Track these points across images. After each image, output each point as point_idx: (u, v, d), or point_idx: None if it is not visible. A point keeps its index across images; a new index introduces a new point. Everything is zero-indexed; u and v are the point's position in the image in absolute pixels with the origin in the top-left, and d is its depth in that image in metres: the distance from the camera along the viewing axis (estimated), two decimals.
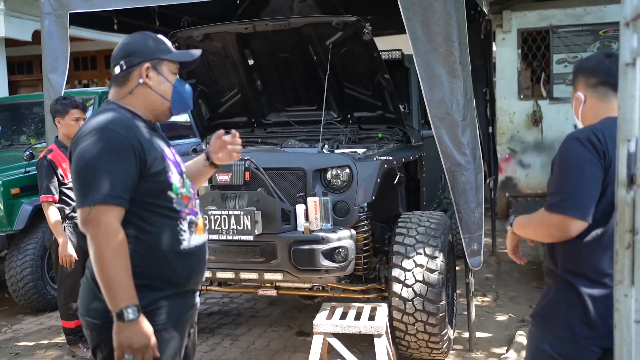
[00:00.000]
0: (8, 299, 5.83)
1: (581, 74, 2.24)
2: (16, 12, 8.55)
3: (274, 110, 5.31)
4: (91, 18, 5.07)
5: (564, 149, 2.08)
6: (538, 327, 2.17)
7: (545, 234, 2.12)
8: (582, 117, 2.26)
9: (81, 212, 1.90)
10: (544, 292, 2.21)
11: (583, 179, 2.01)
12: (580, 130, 2.12)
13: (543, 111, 9.07)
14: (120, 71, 2.07)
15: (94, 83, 12.91)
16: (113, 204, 1.88)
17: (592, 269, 2.06)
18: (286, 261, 3.74)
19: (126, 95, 2.08)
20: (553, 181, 2.08)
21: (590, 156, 2.02)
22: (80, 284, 2.11)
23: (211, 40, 4.75)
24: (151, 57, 2.07)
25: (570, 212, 2.00)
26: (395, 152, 4.40)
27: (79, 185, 1.92)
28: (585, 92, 2.23)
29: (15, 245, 5.41)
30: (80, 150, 1.92)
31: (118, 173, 1.90)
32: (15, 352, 4.62)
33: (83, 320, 2.05)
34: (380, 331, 3.54)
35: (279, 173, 4.03)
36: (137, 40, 2.10)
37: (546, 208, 2.07)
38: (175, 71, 2.13)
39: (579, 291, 2.06)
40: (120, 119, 1.99)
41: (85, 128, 1.98)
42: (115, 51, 2.11)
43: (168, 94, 2.10)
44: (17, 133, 6.74)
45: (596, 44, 8.86)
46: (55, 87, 4.68)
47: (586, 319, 2.04)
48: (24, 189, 5.41)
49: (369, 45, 4.37)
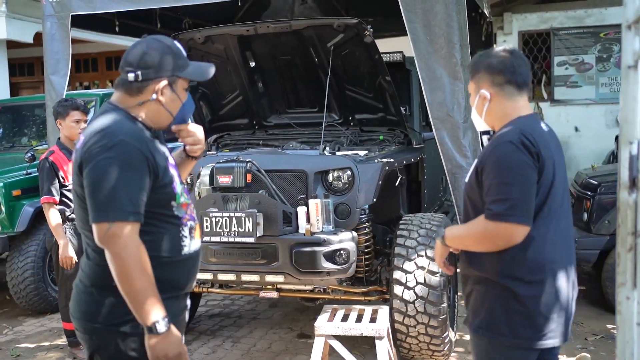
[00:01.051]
0: (9, 300, 5.83)
1: (486, 71, 2.20)
2: (17, 14, 8.57)
3: (275, 112, 5.31)
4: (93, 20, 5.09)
5: (500, 153, 2.04)
6: (483, 339, 2.15)
7: (490, 245, 2.06)
8: (486, 115, 2.23)
9: (99, 227, 1.87)
10: (478, 302, 2.16)
11: (525, 185, 2.01)
12: (510, 134, 2.08)
13: (544, 113, 9.07)
14: (134, 80, 2.00)
15: (95, 85, 12.92)
16: (133, 220, 1.88)
17: (529, 270, 2.06)
18: (287, 263, 3.74)
19: (135, 105, 2.04)
20: (494, 188, 2.02)
21: (527, 160, 2.02)
22: (73, 287, 2.10)
23: (212, 43, 4.76)
24: (169, 75, 2.03)
25: (519, 219, 1.99)
26: (396, 154, 4.40)
27: (96, 200, 1.88)
28: (490, 90, 2.19)
29: (17, 247, 5.40)
30: (97, 162, 1.88)
31: (135, 188, 1.89)
32: (16, 354, 4.62)
33: (79, 324, 2.03)
34: (382, 333, 3.53)
35: (281, 175, 4.03)
36: (159, 53, 2.02)
37: (491, 217, 2.02)
38: (187, 86, 2.11)
39: (518, 295, 2.06)
40: (132, 130, 1.97)
41: (97, 136, 1.92)
42: (131, 56, 2.03)
43: (176, 110, 2.09)
44: (19, 135, 6.75)
45: (597, 46, 8.87)
46: (57, 89, 4.70)
47: (528, 321, 2.06)
48: (25, 190, 5.41)
49: (370, 47, 4.37)
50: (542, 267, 2.07)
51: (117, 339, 1.97)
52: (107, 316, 1.96)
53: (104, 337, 1.97)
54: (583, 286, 5.93)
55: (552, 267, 2.09)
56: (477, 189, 2.13)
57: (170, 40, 2.10)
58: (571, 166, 8.81)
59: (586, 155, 8.62)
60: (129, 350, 1.97)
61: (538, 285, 2.06)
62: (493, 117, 2.22)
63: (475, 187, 2.13)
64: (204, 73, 2.15)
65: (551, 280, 2.08)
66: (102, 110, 2.05)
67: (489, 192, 2.05)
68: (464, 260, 2.23)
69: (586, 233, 5.15)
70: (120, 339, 1.97)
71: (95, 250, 1.99)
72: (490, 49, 2.30)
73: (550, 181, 2.08)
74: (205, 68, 2.17)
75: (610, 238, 4.97)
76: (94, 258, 2.01)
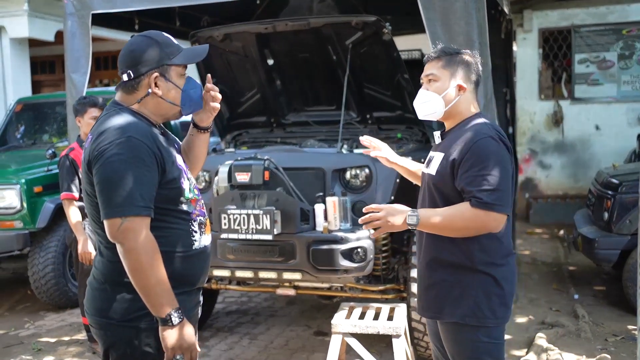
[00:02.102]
0: (30, 295, 5.91)
1: (465, 67, 2.33)
2: (39, 12, 8.67)
3: (293, 110, 5.32)
4: (113, 18, 5.12)
5: (485, 147, 2.17)
6: (469, 325, 2.27)
7: (474, 232, 2.19)
8: (453, 106, 2.32)
9: (111, 223, 1.89)
10: (456, 292, 2.27)
11: (507, 177, 2.17)
12: (485, 130, 2.23)
13: (564, 111, 8.98)
14: (127, 79, 2.04)
15: (114, 83, 13.03)
16: (144, 215, 1.91)
17: (501, 255, 2.26)
18: (305, 261, 3.74)
19: (135, 103, 2.07)
20: (480, 179, 2.14)
21: (507, 154, 2.20)
22: (87, 284, 2.13)
23: (231, 40, 4.77)
24: (158, 65, 2.04)
25: (506, 209, 2.16)
26: (414, 152, 4.38)
27: (107, 196, 1.90)
28: (466, 85, 2.33)
29: (38, 243, 5.48)
30: (107, 160, 1.90)
31: (145, 183, 1.92)
32: (37, 348, 4.68)
33: (94, 321, 2.06)
34: (399, 332, 3.53)
35: (298, 173, 4.04)
36: (143, 47, 2.04)
37: (482, 206, 2.13)
38: (184, 72, 2.11)
39: (496, 278, 2.24)
40: (139, 127, 1.99)
41: (105, 134, 1.95)
42: (121, 57, 2.08)
43: (177, 99, 2.10)
44: (40, 132, 6.83)
45: (619, 44, 8.75)
46: (78, 86, 4.74)
47: (503, 301, 2.26)
48: (46, 187, 5.49)
49: (388, 45, 4.36)
50: (509, 251, 2.30)
51: (132, 334, 2.00)
52: (121, 312, 1.99)
53: (118, 332, 2.01)
54: (603, 286, 5.87)
55: (512, 251, 2.35)
56: (450, 181, 2.23)
57: (155, 32, 2.11)
58: (592, 165, 8.71)
59: (607, 154, 8.50)
60: (144, 345, 2.00)
61: (507, 266, 2.28)
62: (457, 110, 2.34)
63: (449, 179, 2.24)
64: (195, 56, 2.15)
65: (512, 261, 2.32)
66: (107, 110, 2.08)
67: (474, 183, 2.15)
68: (431, 248, 2.31)
69: (607, 232, 5.10)
70: (135, 334, 2.00)
71: (107, 247, 2.02)
72: (454, 47, 2.44)
73: (512, 173, 2.25)
74: (197, 50, 2.17)
75: (631, 238, 4.92)
76: (106, 255, 2.04)
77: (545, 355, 4.09)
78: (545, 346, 4.21)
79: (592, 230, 5.30)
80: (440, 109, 2.33)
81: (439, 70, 2.33)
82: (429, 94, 2.35)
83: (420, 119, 2.47)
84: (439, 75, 2.33)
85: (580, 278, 6.15)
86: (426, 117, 2.40)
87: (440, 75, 2.33)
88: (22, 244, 5.41)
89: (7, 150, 6.50)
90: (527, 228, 8.45)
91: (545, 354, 4.10)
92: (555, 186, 9.13)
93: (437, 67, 2.34)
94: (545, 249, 7.33)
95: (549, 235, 8.12)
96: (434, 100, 2.33)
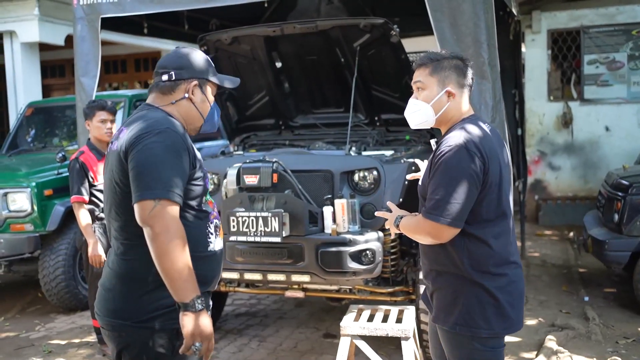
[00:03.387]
0: (41, 298, 5.95)
1: (454, 71, 2.29)
2: (49, 17, 8.73)
3: (301, 112, 5.33)
4: (122, 22, 5.16)
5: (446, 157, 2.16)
6: (461, 334, 2.25)
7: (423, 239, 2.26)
8: (444, 113, 2.30)
9: (144, 205, 1.92)
10: (449, 300, 2.27)
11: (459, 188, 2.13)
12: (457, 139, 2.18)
13: (573, 113, 8.93)
14: (167, 80, 2.13)
15: (124, 86, 13.11)
16: (176, 201, 1.95)
17: (495, 264, 2.22)
18: (313, 263, 3.75)
19: (169, 104, 2.15)
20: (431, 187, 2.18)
21: (469, 165, 2.14)
22: (99, 286, 2.14)
23: (239, 43, 4.79)
24: (200, 76, 2.16)
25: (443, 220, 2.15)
26: (422, 154, 4.38)
27: (143, 179, 1.93)
28: (456, 91, 2.29)
29: (48, 246, 5.51)
30: (144, 146, 1.96)
31: (179, 172, 1.97)
32: (48, 350, 4.71)
33: (106, 322, 2.07)
34: (408, 334, 3.52)
35: (307, 175, 4.04)
36: (192, 56, 2.17)
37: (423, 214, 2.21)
38: (214, 93, 2.24)
39: (487, 288, 2.21)
40: (174, 123, 2.08)
41: (142, 124, 2.02)
42: (166, 60, 2.18)
43: (206, 112, 2.21)
44: (50, 135, 6.88)
45: (629, 44, 8.70)
46: (87, 90, 4.77)
47: (499, 311, 2.22)
48: (56, 190, 5.52)
49: (396, 47, 4.36)
50: (506, 261, 2.25)
51: (147, 335, 2.01)
52: (135, 313, 2.00)
53: (133, 333, 2.02)
54: (614, 288, 5.83)
55: (513, 260, 2.28)
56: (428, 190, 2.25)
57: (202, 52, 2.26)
58: (602, 166, 8.65)
59: (617, 155, 8.45)
60: (157, 346, 2.01)
61: (503, 277, 2.23)
62: (448, 116, 2.31)
63: (427, 188, 2.25)
64: (233, 82, 2.30)
65: (512, 272, 2.26)
66: (140, 109, 2.16)
67: (427, 191, 2.22)
68: (428, 258, 2.34)
69: (617, 234, 5.07)
70: (149, 334, 2.00)
71: (124, 242, 2.05)
72: (441, 52, 2.38)
73: (498, 182, 2.21)
74: (233, 79, 2.31)
75: None
76: (122, 252, 2.06)
77: (555, 358, 4.06)
78: (555, 349, 4.18)
79: (602, 232, 5.27)
80: (430, 118, 2.31)
81: (426, 78, 2.29)
82: (418, 103, 2.32)
83: (412, 128, 2.47)
84: (426, 83, 2.30)
85: (591, 280, 6.12)
86: (418, 126, 2.38)
87: (428, 83, 2.29)
88: (32, 246, 5.44)
89: (17, 153, 6.54)
90: (537, 230, 8.41)
91: (555, 356, 4.08)
92: (565, 188, 9.08)
93: (424, 75, 2.30)
94: (554, 251, 7.29)
95: (559, 237, 8.08)
96: (424, 109, 2.30)
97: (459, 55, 2.35)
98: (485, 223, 2.21)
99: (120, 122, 6.28)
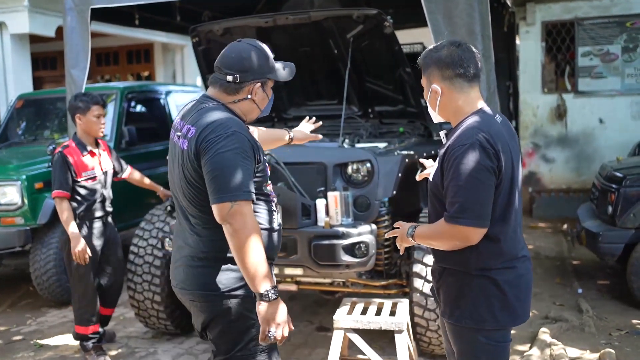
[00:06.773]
0: (32, 292, 5.92)
1: (435, 65, 2.24)
2: (40, 8, 8.65)
3: (294, 104, 5.29)
4: (112, 13, 5.11)
5: (459, 155, 2.11)
6: (467, 327, 2.26)
7: (450, 245, 2.20)
8: (440, 109, 2.30)
9: (222, 207, 2.14)
10: (454, 294, 2.27)
11: (480, 188, 2.10)
12: (468, 135, 2.13)
13: (567, 105, 8.92)
14: (232, 81, 2.29)
15: (116, 78, 13.03)
16: (250, 200, 2.18)
17: (503, 260, 2.22)
18: (306, 256, 3.73)
19: (231, 102, 2.33)
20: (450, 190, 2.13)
21: (485, 162, 2.09)
22: (181, 264, 2.34)
23: (231, 35, 4.75)
24: (263, 77, 2.33)
25: (471, 222, 2.10)
26: (416, 146, 4.36)
27: (218, 183, 2.14)
28: (441, 85, 2.24)
29: (39, 239, 5.47)
30: (217, 152, 2.15)
31: (249, 172, 2.19)
32: (39, 344, 4.68)
33: (197, 296, 2.30)
34: (401, 327, 3.51)
35: (300, 167, 4.01)
36: (254, 57, 2.30)
37: (447, 219, 2.14)
38: (272, 84, 2.41)
39: (496, 281, 2.20)
40: (239, 123, 2.26)
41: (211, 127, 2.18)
42: (228, 59, 2.31)
43: (263, 106, 2.41)
44: (41, 128, 6.82)
45: (623, 36, 8.69)
46: (77, 82, 4.72)
47: (504, 305, 2.22)
48: (47, 183, 5.44)
49: (390, 38, 4.33)
50: (515, 257, 2.25)
51: (235, 302, 2.28)
52: (224, 283, 2.27)
53: (224, 302, 2.27)
54: (607, 280, 5.84)
55: (521, 255, 2.28)
56: (441, 188, 2.22)
57: (261, 44, 2.37)
58: (596, 158, 8.66)
59: (611, 147, 8.45)
60: (245, 310, 2.28)
61: (511, 270, 2.23)
62: (447, 111, 2.29)
63: (440, 187, 2.22)
64: (289, 73, 2.45)
65: (521, 266, 2.26)
66: (203, 103, 2.31)
67: (447, 194, 2.16)
68: (436, 256, 2.35)
69: (610, 226, 5.07)
70: (238, 301, 2.28)
71: (207, 227, 2.28)
72: (438, 44, 2.32)
73: (511, 176, 2.18)
74: (290, 68, 2.46)
75: (635, 231, 4.90)
76: (207, 235, 2.30)
77: (549, 350, 4.06)
78: (549, 341, 4.18)
79: (596, 224, 5.27)
80: (435, 116, 2.36)
81: (423, 79, 2.34)
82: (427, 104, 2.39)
83: None
84: (423, 84, 2.34)
85: (584, 272, 6.12)
86: (438, 121, 2.43)
87: (423, 83, 2.33)
88: (23, 240, 5.39)
89: (8, 146, 6.48)
90: (530, 222, 8.42)
91: (549, 348, 4.08)
92: (559, 180, 9.09)
93: (422, 77, 2.34)
94: (548, 243, 7.30)
95: (552, 229, 8.08)
96: (429, 108, 2.37)
97: (444, 44, 2.26)
98: (495, 221, 2.17)
99: (112, 114, 6.23)
